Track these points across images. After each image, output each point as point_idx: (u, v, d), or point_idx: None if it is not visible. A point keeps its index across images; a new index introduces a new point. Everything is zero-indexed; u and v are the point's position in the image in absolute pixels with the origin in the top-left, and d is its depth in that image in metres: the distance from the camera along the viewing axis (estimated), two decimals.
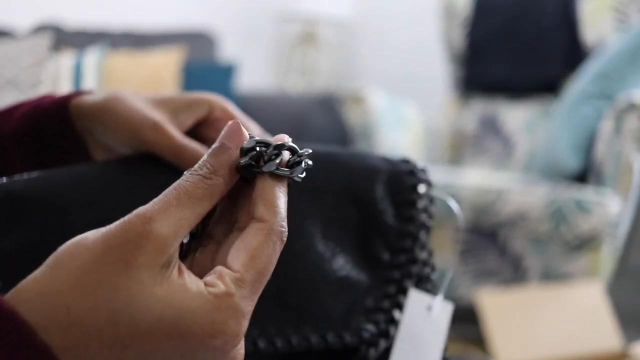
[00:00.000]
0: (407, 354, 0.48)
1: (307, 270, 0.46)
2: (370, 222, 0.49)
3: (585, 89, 1.87)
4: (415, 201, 0.50)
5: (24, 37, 2.19)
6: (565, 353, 1.44)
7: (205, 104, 0.49)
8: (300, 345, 0.45)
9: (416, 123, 2.28)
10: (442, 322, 0.50)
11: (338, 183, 0.49)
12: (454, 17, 2.47)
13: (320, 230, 0.48)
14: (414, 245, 0.49)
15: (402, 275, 0.48)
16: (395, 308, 0.48)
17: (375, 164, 0.50)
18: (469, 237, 1.82)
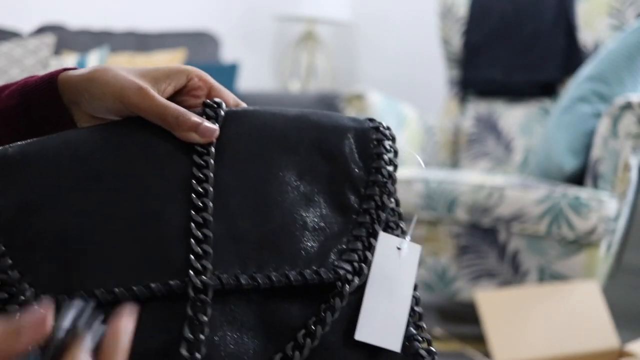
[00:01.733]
0: (379, 290, 0.52)
1: (284, 214, 0.50)
2: (340, 173, 0.53)
3: (582, 89, 1.88)
4: (382, 154, 0.54)
5: (28, 37, 2.21)
6: (562, 352, 1.44)
7: (184, 73, 0.53)
8: (280, 281, 0.48)
9: (415, 123, 2.30)
10: (411, 261, 0.54)
11: (310, 139, 0.53)
12: (451, 19, 2.48)
13: (295, 180, 0.51)
14: (381, 193, 0.53)
15: (371, 220, 0.52)
16: (367, 250, 0.52)
17: (343, 122, 0.55)
18: (468, 237, 1.84)
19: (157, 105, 0.49)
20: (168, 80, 0.52)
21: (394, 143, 0.56)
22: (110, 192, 0.47)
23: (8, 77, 2.02)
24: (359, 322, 0.51)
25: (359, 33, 3.37)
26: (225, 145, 0.51)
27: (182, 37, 2.68)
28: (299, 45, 3.31)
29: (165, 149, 0.49)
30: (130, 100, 0.49)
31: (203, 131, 0.49)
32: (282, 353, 0.48)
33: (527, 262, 1.76)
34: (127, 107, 0.50)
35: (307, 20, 3.16)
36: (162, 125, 0.49)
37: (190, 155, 0.49)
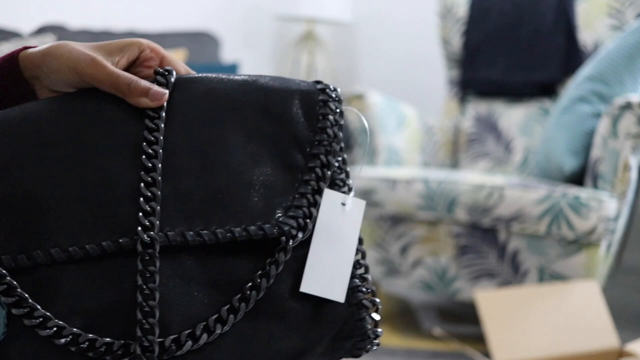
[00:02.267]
0: (324, 245, 0.55)
1: (230, 173, 0.52)
2: (286, 134, 0.55)
3: (582, 89, 1.88)
4: (327, 114, 0.57)
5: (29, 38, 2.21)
6: (562, 351, 1.45)
7: (136, 45, 0.56)
8: (225, 237, 0.51)
9: (415, 123, 2.30)
10: (356, 216, 0.57)
11: (256, 101, 0.55)
12: (451, 20, 2.48)
13: (241, 142, 0.54)
14: (327, 152, 0.56)
15: (317, 178, 0.55)
16: (312, 207, 0.54)
17: (290, 84, 0.57)
18: (468, 237, 1.84)
19: (109, 74, 0.52)
20: (121, 53, 0.55)
21: (339, 104, 0.58)
22: (65, 158, 0.50)
23: None
24: (304, 275, 0.53)
25: (359, 33, 3.37)
26: (175, 110, 0.53)
27: (182, 37, 2.68)
28: (299, 45, 3.31)
29: (118, 115, 0.52)
30: (84, 71, 0.52)
31: (153, 95, 0.52)
32: (229, 305, 0.50)
33: (527, 262, 1.77)
34: (82, 79, 0.52)
35: (307, 20, 3.17)
36: (115, 93, 0.52)
37: (142, 119, 0.52)
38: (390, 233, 1.94)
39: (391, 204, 1.91)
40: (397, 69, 3.24)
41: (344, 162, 0.58)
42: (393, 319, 2.13)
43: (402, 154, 2.19)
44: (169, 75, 0.54)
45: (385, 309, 2.24)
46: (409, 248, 1.92)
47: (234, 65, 2.53)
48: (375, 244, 1.98)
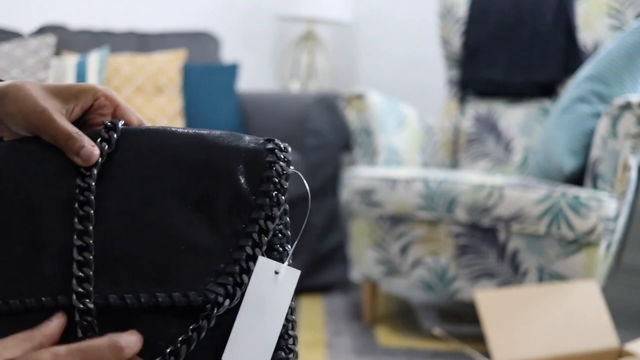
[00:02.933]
0: (252, 313, 0.54)
1: (161, 237, 0.52)
2: (226, 196, 0.54)
3: (582, 89, 1.88)
4: (271, 177, 0.55)
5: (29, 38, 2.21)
6: (562, 352, 1.45)
7: (90, 93, 0.56)
8: (148, 302, 0.50)
9: (415, 123, 2.30)
10: (288, 285, 0.55)
11: (200, 160, 0.54)
12: (451, 20, 2.48)
13: (178, 203, 0.53)
14: (266, 218, 0.54)
15: (253, 244, 0.54)
16: (244, 273, 0.53)
17: (237, 143, 0.56)
18: (468, 237, 1.84)
19: (52, 128, 0.52)
20: (76, 100, 0.55)
21: (287, 166, 0.56)
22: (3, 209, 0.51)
23: (9, 77, 2.02)
24: (228, 344, 0.52)
25: (359, 33, 3.37)
26: (114, 166, 0.53)
27: (182, 37, 2.68)
28: (299, 45, 3.31)
29: (57, 169, 0.52)
30: (32, 122, 0.53)
31: (82, 155, 0.52)
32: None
33: (527, 262, 1.77)
34: (30, 128, 0.53)
35: (307, 20, 3.17)
36: (58, 146, 0.53)
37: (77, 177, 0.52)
38: (390, 233, 1.94)
39: (391, 204, 1.91)
40: (397, 69, 3.24)
41: (286, 227, 0.57)
42: (393, 319, 2.14)
43: (402, 154, 2.19)
44: (112, 130, 0.54)
45: (385, 309, 2.24)
46: (409, 248, 1.92)
47: (234, 65, 2.53)
48: (375, 244, 1.98)
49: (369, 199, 1.95)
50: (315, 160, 2.33)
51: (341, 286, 2.45)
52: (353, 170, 2.03)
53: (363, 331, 1.99)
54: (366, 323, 2.06)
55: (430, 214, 1.86)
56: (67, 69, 2.15)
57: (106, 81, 2.26)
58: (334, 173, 2.39)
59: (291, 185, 0.65)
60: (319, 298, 2.32)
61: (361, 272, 2.05)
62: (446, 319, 2.15)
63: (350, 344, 1.88)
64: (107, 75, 2.27)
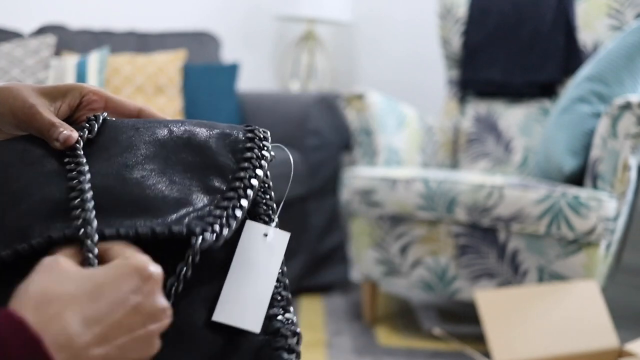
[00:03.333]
0: (243, 274, 0.54)
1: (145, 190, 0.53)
2: (208, 162, 0.56)
3: (581, 89, 1.88)
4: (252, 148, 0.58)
5: (29, 38, 2.21)
6: (562, 351, 1.45)
7: (77, 91, 0.59)
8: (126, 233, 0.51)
9: (415, 123, 2.30)
10: (278, 247, 0.56)
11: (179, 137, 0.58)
12: (451, 20, 2.48)
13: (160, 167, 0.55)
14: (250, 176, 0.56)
15: (238, 196, 0.55)
16: (231, 218, 0.53)
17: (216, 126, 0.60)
18: (468, 237, 1.84)
19: (37, 120, 0.56)
20: (63, 99, 0.58)
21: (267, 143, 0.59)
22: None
23: (9, 77, 2.02)
24: (218, 304, 0.53)
25: (359, 33, 3.37)
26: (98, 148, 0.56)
27: (182, 37, 2.68)
28: (299, 45, 3.31)
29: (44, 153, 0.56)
30: (20, 118, 0.56)
31: (60, 138, 0.55)
32: None
33: (527, 262, 1.77)
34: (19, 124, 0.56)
35: (307, 20, 3.17)
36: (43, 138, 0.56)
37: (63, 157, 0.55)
38: (390, 233, 1.94)
39: (391, 204, 1.91)
40: (397, 69, 3.25)
41: (271, 199, 0.59)
42: (393, 319, 2.14)
43: (402, 154, 2.20)
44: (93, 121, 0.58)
45: (385, 309, 2.24)
46: (408, 248, 1.92)
47: (234, 65, 2.53)
48: (375, 244, 1.98)
49: (369, 199, 1.95)
50: (315, 160, 2.33)
51: (341, 286, 2.45)
52: (353, 170, 2.03)
53: (363, 331, 1.99)
54: (366, 323, 2.06)
55: (430, 214, 1.86)
56: (67, 69, 2.15)
57: (106, 81, 2.26)
58: (334, 173, 2.39)
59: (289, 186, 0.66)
60: (319, 298, 2.32)
61: (361, 272, 2.05)
62: (446, 319, 2.15)
63: (350, 344, 1.88)
64: (107, 75, 2.27)
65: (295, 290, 2.32)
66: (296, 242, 2.28)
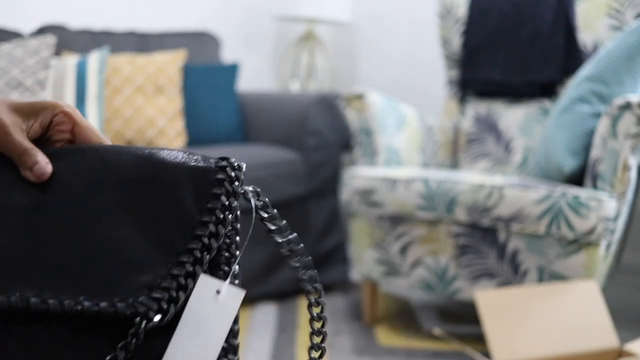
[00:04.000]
0: (189, 334, 0.51)
1: (98, 248, 0.51)
2: (170, 212, 0.53)
3: (581, 89, 1.88)
4: (219, 195, 0.54)
5: (29, 38, 2.21)
6: (562, 351, 1.45)
7: (49, 109, 0.57)
8: (71, 308, 0.49)
9: (415, 123, 2.30)
10: (230, 306, 0.53)
11: (146, 176, 0.54)
12: (451, 20, 2.48)
13: (121, 217, 0.52)
14: (210, 235, 0.53)
15: (194, 261, 0.52)
16: (181, 290, 0.51)
17: (186, 161, 0.55)
18: (468, 237, 1.84)
19: (8, 142, 0.54)
20: (35, 117, 0.56)
21: (238, 185, 0.55)
22: None
23: (9, 77, 2.02)
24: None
25: (359, 33, 3.37)
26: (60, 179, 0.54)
27: (183, 37, 2.68)
28: (299, 45, 3.31)
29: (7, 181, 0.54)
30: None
31: (35, 171, 0.54)
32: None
33: (527, 262, 1.77)
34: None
35: (307, 20, 3.17)
36: (13, 161, 0.55)
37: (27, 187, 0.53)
38: (390, 233, 1.94)
39: (391, 204, 1.91)
40: (397, 69, 3.25)
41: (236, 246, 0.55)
42: (393, 319, 2.14)
43: (402, 154, 2.20)
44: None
45: (385, 309, 2.24)
46: (408, 248, 1.92)
47: (234, 65, 2.53)
48: (375, 244, 1.98)
49: (369, 199, 1.95)
50: (315, 160, 2.33)
51: (341, 286, 2.45)
52: (353, 170, 2.03)
53: (363, 331, 1.99)
54: (366, 323, 2.06)
55: (430, 214, 1.86)
56: (67, 69, 2.15)
57: (106, 81, 2.26)
58: (334, 173, 2.39)
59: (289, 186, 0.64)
60: None
61: (361, 272, 2.05)
62: (446, 319, 2.15)
63: (350, 344, 1.88)
64: (107, 75, 2.27)
65: (295, 290, 2.32)
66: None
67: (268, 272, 2.23)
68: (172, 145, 2.33)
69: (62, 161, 0.54)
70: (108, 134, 2.24)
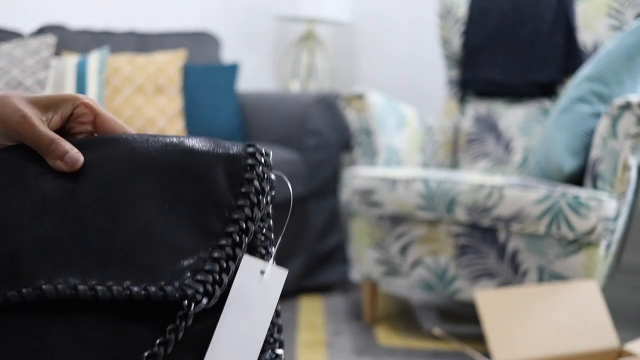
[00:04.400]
0: (236, 314, 0.52)
1: (137, 233, 0.51)
2: (205, 197, 0.53)
3: (581, 89, 1.88)
4: (252, 179, 0.54)
5: (29, 38, 2.21)
6: (562, 351, 1.45)
7: (70, 102, 0.56)
8: (120, 294, 0.48)
9: (415, 123, 2.30)
10: (274, 286, 0.54)
11: (177, 163, 0.54)
12: (451, 20, 2.48)
13: (155, 202, 0.52)
14: (247, 218, 0.53)
15: (233, 244, 0.53)
16: (224, 273, 0.51)
17: (217, 148, 0.56)
18: (468, 237, 1.84)
19: (33, 133, 0.53)
20: (55, 109, 0.56)
21: (269, 170, 0.56)
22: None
23: (9, 77, 2.02)
24: (210, 346, 0.51)
25: (359, 33, 3.37)
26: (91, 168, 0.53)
27: (183, 37, 2.68)
28: (299, 45, 3.31)
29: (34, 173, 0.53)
30: (12, 127, 0.54)
31: (68, 159, 0.53)
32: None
33: (527, 262, 1.77)
34: (10, 134, 0.54)
35: (307, 20, 3.17)
36: (39, 152, 0.54)
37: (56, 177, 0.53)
38: (390, 233, 1.94)
39: (391, 204, 1.91)
40: (397, 69, 3.25)
41: (269, 229, 0.56)
42: (393, 319, 2.14)
43: (402, 154, 2.20)
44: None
45: (385, 309, 2.24)
46: (408, 248, 1.92)
47: (234, 65, 2.53)
48: (375, 244, 1.98)
49: (369, 199, 1.95)
50: (315, 160, 2.33)
51: (341, 286, 2.45)
52: (353, 170, 2.03)
53: (363, 331, 1.99)
54: (366, 323, 2.06)
55: (430, 214, 1.86)
56: (67, 69, 2.15)
57: (106, 81, 2.26)
58: (334, 173, 2.39)
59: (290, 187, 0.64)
60: (319, 298, 2.32)
61: (361, 272, 2.05)
62: (446, 319, 2.15)
63: (350, 344, 1.88)
64: (107, 75, 2.27)
65: (295, 290, 2.32)
66: (296, 242, 2.28)
67: None
68: None
69: (91, 150, 0.54)
70: None
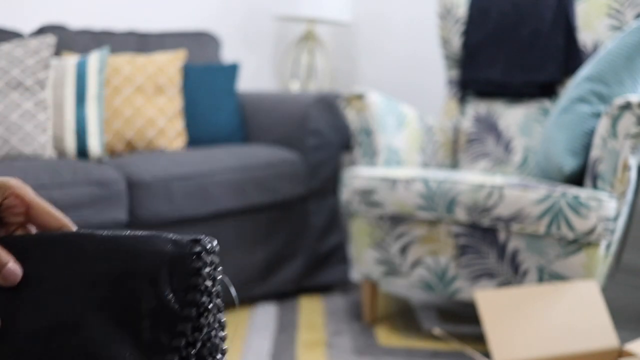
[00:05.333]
0: None
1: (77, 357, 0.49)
2: (150, 308, 0.50)
3: (581, 90, 1.88)
4: (197, 285, 0.51)
5: (29, 38, 2.21)
6: (562, 351, 1.45)
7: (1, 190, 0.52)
8: None
9: (415, 123, 2.30)
10: None
11: (120, 269, 0.51)
12: (451, 20, 2.48)
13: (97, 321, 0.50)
14: (193, 329, 0.51)
15: (180, 358, 0.50)
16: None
17: (160, 247, 0.52)
18: (468, 237, 1.84)
19: None
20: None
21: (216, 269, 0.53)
22: None
23: (9, 77, 2.02)
24: None
25: (359, 33, 3.37)
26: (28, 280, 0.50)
27: (183, 37, 2.68)
28: (299, 45, 3.31)
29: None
30: None
31: (6, 274, 0.49)
32: None
33: (527, 262, 1.77)
34: None
35: (307, 20, 3.17)
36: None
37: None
38: (390, 233, 1.94)
39: (391, 204, 1.91)
40: (397, 69, 3.25)
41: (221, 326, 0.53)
42: (393, 319, 2.14)
43: (402, 154, 2.20)
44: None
45: (385, 309, 2.24)
46: (408, 248, 1.92)
47: (234, 65, 2.53)
48: (375, 244, 1.98)
49: (369, 199, 1.95)
50: (315, 160, 2.33)
51: (341, 286, 2.45)
52: (353, 170, 2.03)
53: (363, 331, 1.99)
54: (366, 323, 2.06)
55: (430, 214, 1.86)
56: (67, 69, 2.15)
57: (106, 81, 2.26)
58: (334, 173, 2.39)
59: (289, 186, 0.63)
60: (319, 298, 2.32)
61: (361, 272, 2.05)
62: (446, 319, 2.15)
63: (350, 344, 1.88)
64: (107, 75, 2.27)
65: (295, 290, 2.32)
66: (296, 242, 2.28)
67: (268, 272, 2.23)
68: (173, 145, 2.33)
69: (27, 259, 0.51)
70: (108, 134, 2.24)
